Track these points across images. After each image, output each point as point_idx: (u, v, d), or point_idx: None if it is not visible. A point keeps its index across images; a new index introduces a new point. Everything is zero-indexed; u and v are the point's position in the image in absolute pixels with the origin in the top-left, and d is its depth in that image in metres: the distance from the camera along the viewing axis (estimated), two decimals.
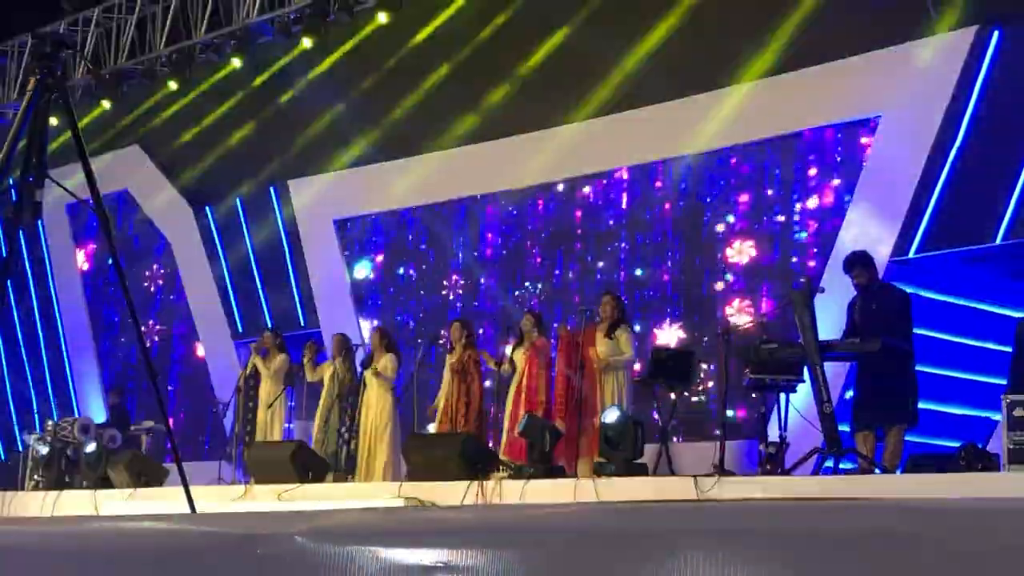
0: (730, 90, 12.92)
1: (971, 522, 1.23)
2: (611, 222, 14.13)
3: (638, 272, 13.79)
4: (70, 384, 19.53)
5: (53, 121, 5.55)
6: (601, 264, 14.11)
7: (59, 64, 5.30)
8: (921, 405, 8.93)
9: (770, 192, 12.95)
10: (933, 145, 11.28)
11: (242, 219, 17.56)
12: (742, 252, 12.98)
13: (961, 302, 11.70)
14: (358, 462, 11.84)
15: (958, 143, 11.22)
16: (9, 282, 5.23)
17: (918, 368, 8.98)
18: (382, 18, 15.66)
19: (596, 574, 1.30)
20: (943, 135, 11.27)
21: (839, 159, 12.41)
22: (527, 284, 14.72)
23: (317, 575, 1.45)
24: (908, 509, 1.27)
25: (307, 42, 16.26)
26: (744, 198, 13.07)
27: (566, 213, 14.55)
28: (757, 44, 12.74)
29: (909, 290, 9.90)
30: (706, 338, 12.74)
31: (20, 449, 16.36)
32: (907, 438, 8.90)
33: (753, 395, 10.62)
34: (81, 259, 19.89)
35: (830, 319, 9.72)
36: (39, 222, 4.83)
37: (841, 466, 8.54)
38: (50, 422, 14.18)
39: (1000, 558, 1.23)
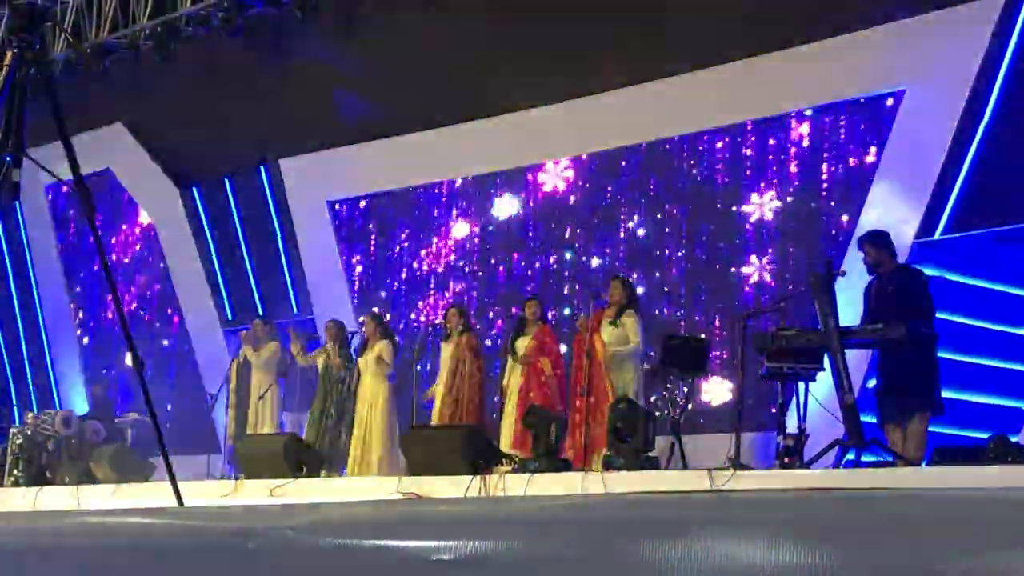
0: (748, 63, 12.84)
1: (1007, 514, 1.22)
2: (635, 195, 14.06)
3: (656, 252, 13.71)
4: (51, 374, 19.52)
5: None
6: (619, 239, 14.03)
7: (38, 37, 5.28)
8: (949, 394, 8.90)
9: (793, 169, 12.83)
10: (961, 119, 11.23)
11: (231, 200, 17.52)
12: (762, 232, 12.91)
13: (991, 285, 11.65)
14: (352, 456, 11.83)
15: (987, 117, 11.17)
16: None
17: (947, 355, 8.95)
18: None
19: (605, 564, 1.30)
20: (971, 109, 11.21)
21: (861, 135, 12.33)
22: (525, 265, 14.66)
23: (312, 570, 1.44)
24: (936, 499, 1.25)
25: (298, 13, 16.21)
26: (763, 174, 12.97)
27: (566, 190, 14.51)
28: (776, 15, 12.65)
29: (935, 273, 9.88)
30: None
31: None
32: (933, 429, 8.87)
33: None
34: (61, 243, 19.86)
35: (853, 304, 9.70)
36: (17, 203, 4.80)
37: (863, 458, 8.53)
38: (30, 414, 14.19)
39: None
